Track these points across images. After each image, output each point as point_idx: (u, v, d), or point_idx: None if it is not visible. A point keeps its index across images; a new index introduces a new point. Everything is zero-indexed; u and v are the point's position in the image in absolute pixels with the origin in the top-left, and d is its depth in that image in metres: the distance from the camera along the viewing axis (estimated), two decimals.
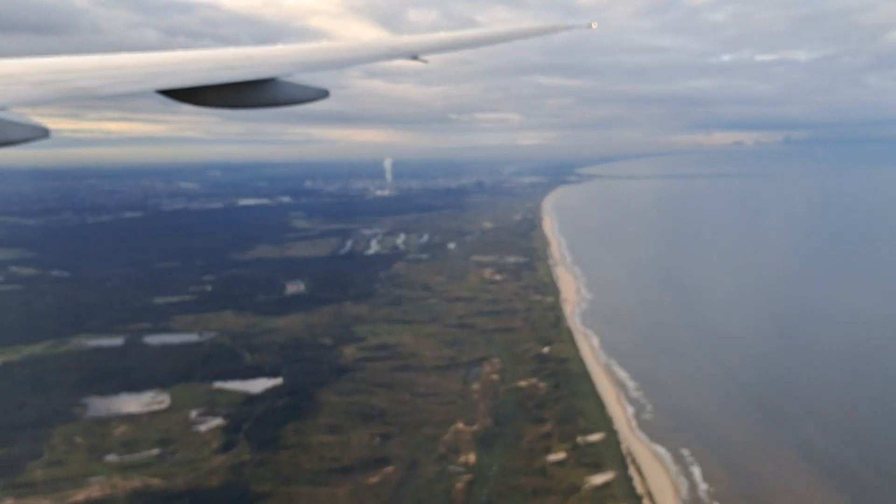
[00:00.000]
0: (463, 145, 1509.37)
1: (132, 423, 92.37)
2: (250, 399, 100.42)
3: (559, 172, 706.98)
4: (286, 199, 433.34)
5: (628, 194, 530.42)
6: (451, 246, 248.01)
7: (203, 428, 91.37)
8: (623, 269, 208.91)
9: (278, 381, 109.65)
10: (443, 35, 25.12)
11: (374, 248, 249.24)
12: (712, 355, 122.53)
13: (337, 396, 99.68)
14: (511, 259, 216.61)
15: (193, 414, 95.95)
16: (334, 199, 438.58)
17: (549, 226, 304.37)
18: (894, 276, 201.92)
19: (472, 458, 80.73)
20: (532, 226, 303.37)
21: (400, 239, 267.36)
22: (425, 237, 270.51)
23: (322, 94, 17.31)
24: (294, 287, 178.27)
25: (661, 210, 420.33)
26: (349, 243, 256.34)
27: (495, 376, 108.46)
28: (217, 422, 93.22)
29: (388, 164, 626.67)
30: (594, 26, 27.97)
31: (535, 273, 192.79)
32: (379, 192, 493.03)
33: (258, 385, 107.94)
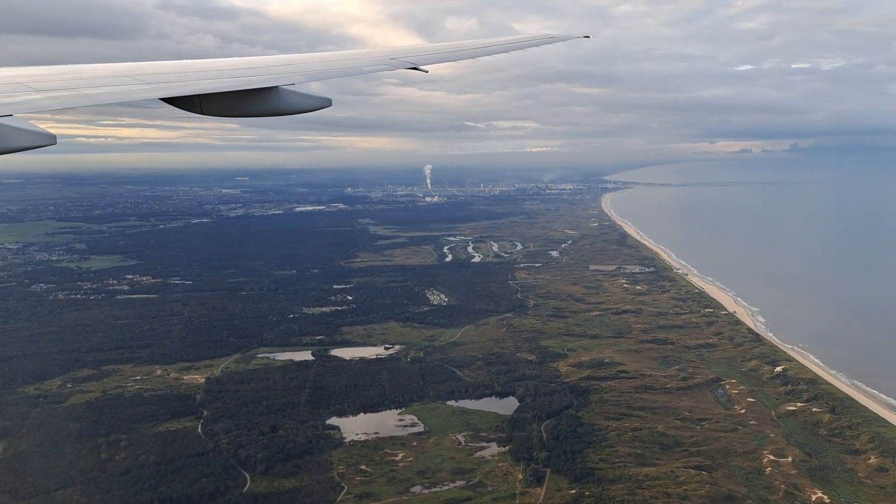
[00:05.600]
0: (472, 152, 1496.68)
1: (420, 450, 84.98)
2: (511, 422, 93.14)
3: (588, 180, 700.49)
4: (341, 206, 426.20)
5: (677, 201, 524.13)
6: (554, 254, 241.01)
7: (486, 455, 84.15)
8: (753, 276, 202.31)
9: (513, 400, 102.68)
10: (443, 45, 24.98)
11: (475, 256, 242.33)
12: None
13: (607, 421, 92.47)
14: (634, 269, 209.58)
15: (460, 438, 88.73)
16: (388, 206, 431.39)
17: (636, 233, 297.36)
18: None
19: (822, 495, 73.62)
20: (617, 233, 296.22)
21: (493, 247, 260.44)
22: (518, 245, 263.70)
23: (325, 102, 17.31)
24: (435, 297, 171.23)
25: (725, 216, 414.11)
26: (447, 251, 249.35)
27: (751, 399, 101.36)
28: (494, 447, 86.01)
29: (427, 170, 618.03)
30: (590, 37, 28.01)
31: (675, 284, 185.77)
32: (429, 199, 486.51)
33: (500, 405, 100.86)
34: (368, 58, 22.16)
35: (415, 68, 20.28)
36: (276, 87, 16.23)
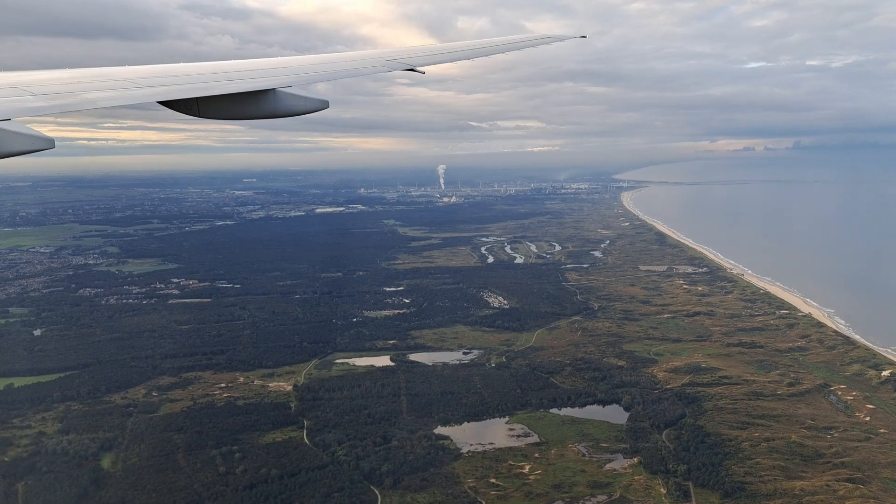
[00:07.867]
0: (473, 152, 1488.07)
1: (545, 462, 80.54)
2: (630, 432, 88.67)
3: (599, 179, 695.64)
4: (360, 207, 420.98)
5: (698, 199, 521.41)
6: (597, 255, 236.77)
7: (616, 467, 79.73)
8: (811, 275, 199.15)
9: (618, 408, 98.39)
10: (439, 46, 24.89)
11: (516, 257, 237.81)
12: None
13: (732, 430, 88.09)
14: (686, 269, 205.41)
15: (582, 449, 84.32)
16: (408, 207, 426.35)
17: (672, 232, 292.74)
18: None
19: None
20: (653, 232, 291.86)
21: (531, 247, 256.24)
22: (556, 246, 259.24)
23: (322, 104, 17.26)
24: (493, 299, 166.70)
25: (754, 214, 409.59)
26: (485, 251, 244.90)
27: (870, 405, 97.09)
28: (621, 459, 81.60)
29: (441, 171, 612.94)
30: (587, 37, 28.26)
31: (736, 285, 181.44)
32: (446, 200, 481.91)
33: (607, 413, 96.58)
34: (366, 59, 22.12)
35: (412, 69, 20.08)
36: (273, 89, 16.18)
